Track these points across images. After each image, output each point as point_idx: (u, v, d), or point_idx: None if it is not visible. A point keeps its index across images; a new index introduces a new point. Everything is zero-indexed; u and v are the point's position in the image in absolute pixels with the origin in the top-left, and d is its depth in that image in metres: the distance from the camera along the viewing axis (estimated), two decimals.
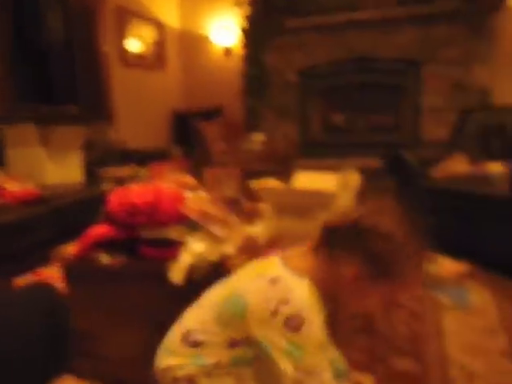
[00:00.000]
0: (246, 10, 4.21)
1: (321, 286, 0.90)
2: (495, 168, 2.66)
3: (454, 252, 2.40)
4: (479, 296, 2.08)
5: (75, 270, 1.46)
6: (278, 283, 0.89)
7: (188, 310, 1.04)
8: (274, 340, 0.85)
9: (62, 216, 2.38)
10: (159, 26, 4.55)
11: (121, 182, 2.19)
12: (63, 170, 2.74)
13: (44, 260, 1.84)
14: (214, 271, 1.26)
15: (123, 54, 4.10)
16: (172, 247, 1.32)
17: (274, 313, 0.85)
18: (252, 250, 1.28)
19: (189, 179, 1.55)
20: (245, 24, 4.25)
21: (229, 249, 1.26)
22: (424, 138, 3.91)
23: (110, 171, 3.06)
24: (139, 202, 1.35)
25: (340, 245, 0.89)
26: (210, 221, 1.29)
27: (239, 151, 3.85)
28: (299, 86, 4.23)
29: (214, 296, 1.00)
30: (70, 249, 1.47)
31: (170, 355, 0.98)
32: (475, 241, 2.41)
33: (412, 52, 3.85)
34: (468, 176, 2.70)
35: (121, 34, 4.06)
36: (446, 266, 2.29)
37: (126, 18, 4.10)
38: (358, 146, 4.04)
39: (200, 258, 1.24)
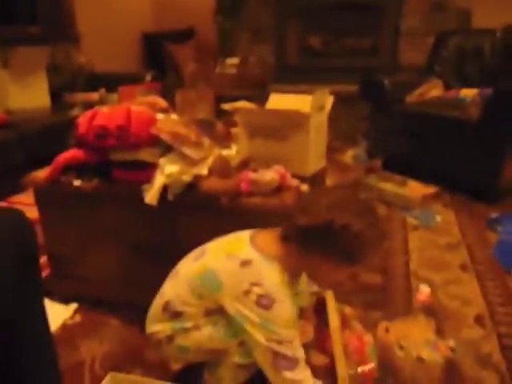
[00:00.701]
0: None
1: (288, 271, 0.97)
2: (468, 93, 2.68)
3: (423, 175, 2.47)
4: (444, 216, 2.19)
5: (47, 194, 1.45)
6: (249, 266, 0.95)
7: (167, 280, 1.11)
8: (247, 315, 0.93)
9: (31, 141, 2.31)
10: None
11: (90, 107, 2.11)
12: (28, 94, 2.61)
13: (16, 188, 1.82)
14: (187, 191, 1.27)
15: None
16: (145, 169, 1.31)
17: (247, 292, 0.92)
18: (225, 172, 1.29)
19: (160, 101, 1.50)
20: None
21: (202, 170, 1.26)
22: (402, 62, 3.85)
23: (79, 96, 2.95)
24: (109, 124, 1.32)
25: (311, 244, 0.94)
26: (183, 142, 1.28)
27: (213, 75, 3.73)
28: (275, 5, 4.03)
29: (187, 270, 1.05)
30: (41, 174, 1.44)
31: (155, 323, 1.08)
32: (444, 164, 2.49)
33: None
34: (440, 100, 2.71)
35: None
36: (415, 188, 2.37)
37: None
38: (335, 70, 3.95)
39: (173, 178, 1.24)
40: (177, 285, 1.06)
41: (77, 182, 1.38)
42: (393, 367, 1.15)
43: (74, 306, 1.52)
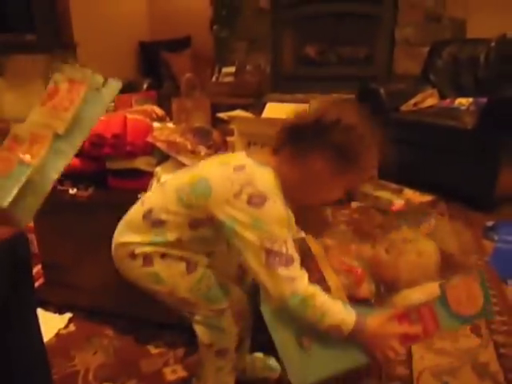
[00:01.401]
0: None
1: (283, 183, 0.92)
2: (464, 102, 2.70)
3: (419, 184, 2.48)
4: (440, 225, 2.19)
5: (42, 203, 1.44)
6: (242, 170, 0.91)
7: (150, 191, 1.06)
8: (238, 217, 0.87)
9: None
10: None
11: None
12: (24, 103, 2.61)
13: None
14: None
15: None
16: (141, 178, 1.31)
17: (238, 193, 0.87)
18: None
19: (156, 109, 1.50)
20: None
21: None
22: (397, 71, 3.88)
23: None
24: (105, 132, 1.32)
25: (303, 142, 0.90)
26: (179, 151, 1.28)
27: (209, 84, 3.74)
28: (271, 14, 4.06)
29: (177, 181, 0.99)
30: None
31: (131, 231, 1.00)
32: (439, 173, 2.49)
33: None
34: (436, 109, 2.73)
35: None
36: (411, 197, 2.38)
37: None
38: (331, 79, 3.98)
39: None
40: (163, 193, 0.99)
41: (72, 191, 1.37)
42: (385, 276, 1.06)
43: (68, 315, 1.51)
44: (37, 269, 1.49)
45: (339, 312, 0.88)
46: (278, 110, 1.60)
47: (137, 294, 1.34)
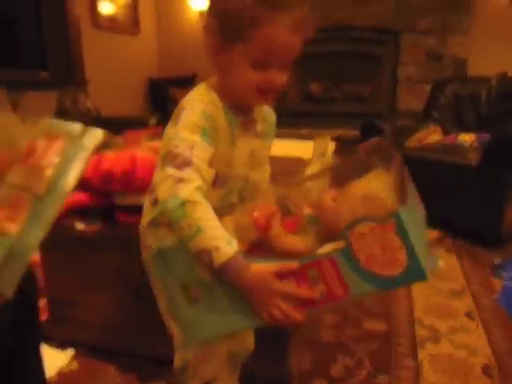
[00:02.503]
0: None
1: (222, 90, 0.87)
2: (467, 138, 2.73)
3: (425, 220, 2.47)
4: (446, 261, 2.17)
5: (49, 237, 1.45)
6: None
7: None
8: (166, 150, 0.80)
9: None
10: None
11: (96, 150, 2.15)
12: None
13: None
14: None
15: (95, 15, 3.93)
16: None
17: (174, 124, 0.82)
18: None
19: None
20: None
21: None
22: (400, 108, 3.95)
23: None
24: (114, 169, 1.34)
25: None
26: None
27: None
28: None
29: None
30: None
31: (146, 216, 1.00)
32: (445, 209, 2.49)
33: (388, 21, 3.83)
34: (440, 145, 2.76)
35: None
36: None
37: None
38: (335, 116, 4.05)
39: None
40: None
41: (80, 226, 1.38)
42: (328, 226, 0.81)
43: (71, 352, 1.49)
44: (42, 303, 1.48)
45: (218, 237, 0.73)
46: (282, 146, 1.62)
47: (140, 331, 1.33)
